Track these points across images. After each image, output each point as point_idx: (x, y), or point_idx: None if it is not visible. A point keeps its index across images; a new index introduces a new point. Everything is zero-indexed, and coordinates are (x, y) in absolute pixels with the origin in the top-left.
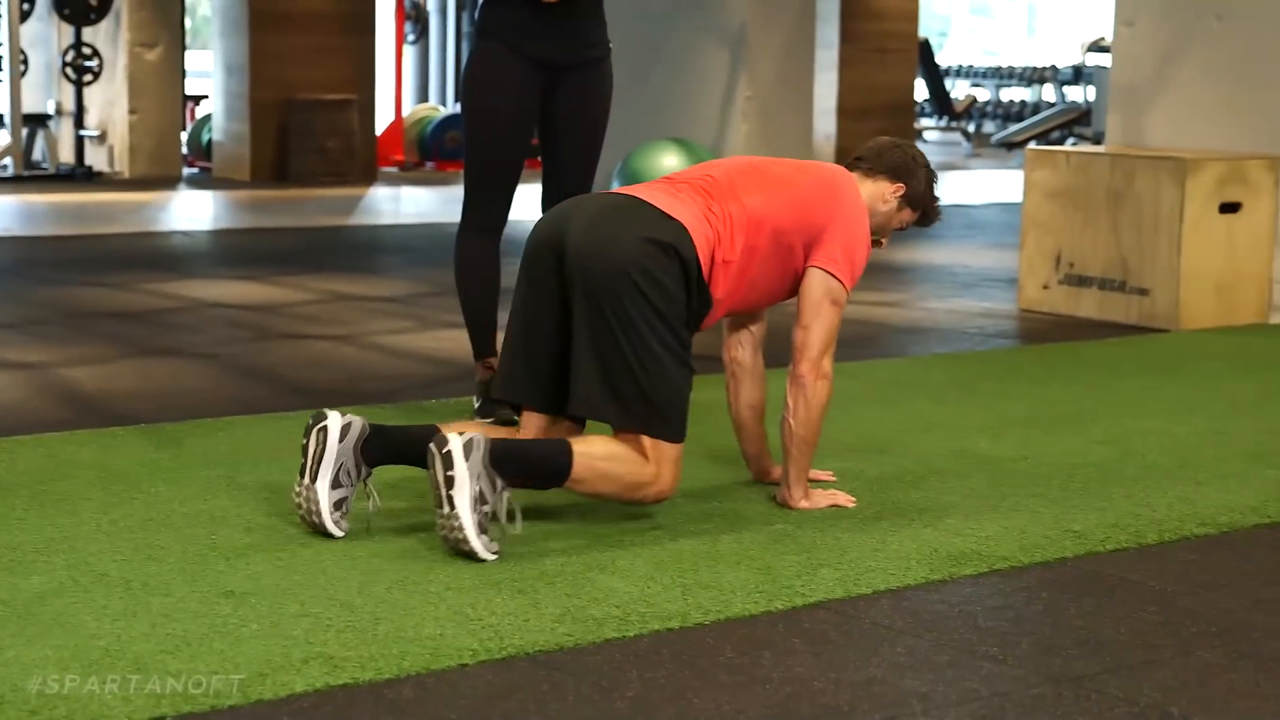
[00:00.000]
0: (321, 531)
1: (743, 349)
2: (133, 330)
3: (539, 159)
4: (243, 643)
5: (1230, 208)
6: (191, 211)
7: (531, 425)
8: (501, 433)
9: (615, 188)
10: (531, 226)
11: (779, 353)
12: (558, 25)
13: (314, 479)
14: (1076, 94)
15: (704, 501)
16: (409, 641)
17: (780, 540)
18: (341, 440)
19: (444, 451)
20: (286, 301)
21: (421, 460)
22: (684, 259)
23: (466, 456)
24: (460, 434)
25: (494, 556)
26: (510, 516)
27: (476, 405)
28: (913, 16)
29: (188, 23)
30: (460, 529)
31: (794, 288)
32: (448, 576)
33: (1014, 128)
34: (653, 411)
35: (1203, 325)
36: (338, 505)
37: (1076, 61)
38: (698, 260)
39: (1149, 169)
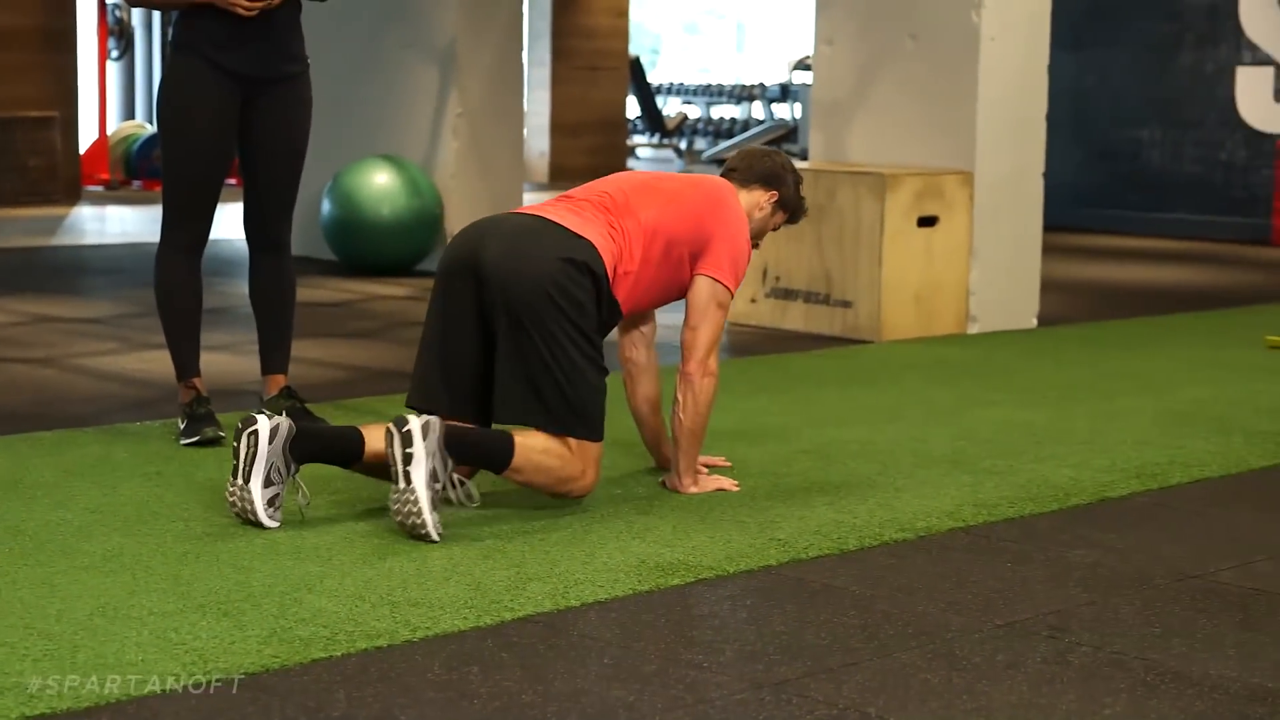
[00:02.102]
0: (257, 525)
1: (636, 349)
2: None
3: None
4: None
5: (927, 221)
6: None
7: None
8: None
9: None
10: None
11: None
12: (255, 39)
13: (247, 479)
14: (784, 111)
15: None
16: (109, 668)
17: (490, 555)
18: (271, 442)
19: (404, 431)
20: None
21: (342, 459)
22: (595, 274)
23: (424, 437)
24: (418, 416)
25: (439, 538)
26: (465, 493)
27: (181, 426)
28: (623, 34)
29: None
30: (415, 503)
31: (681, 291)
32: (151, 601)
33: (724, 144)
34: (576, 415)
35: (903, 336)
36: (270, 501)
37: (784, 79)
38: (606, 275)
39: (850, 184)
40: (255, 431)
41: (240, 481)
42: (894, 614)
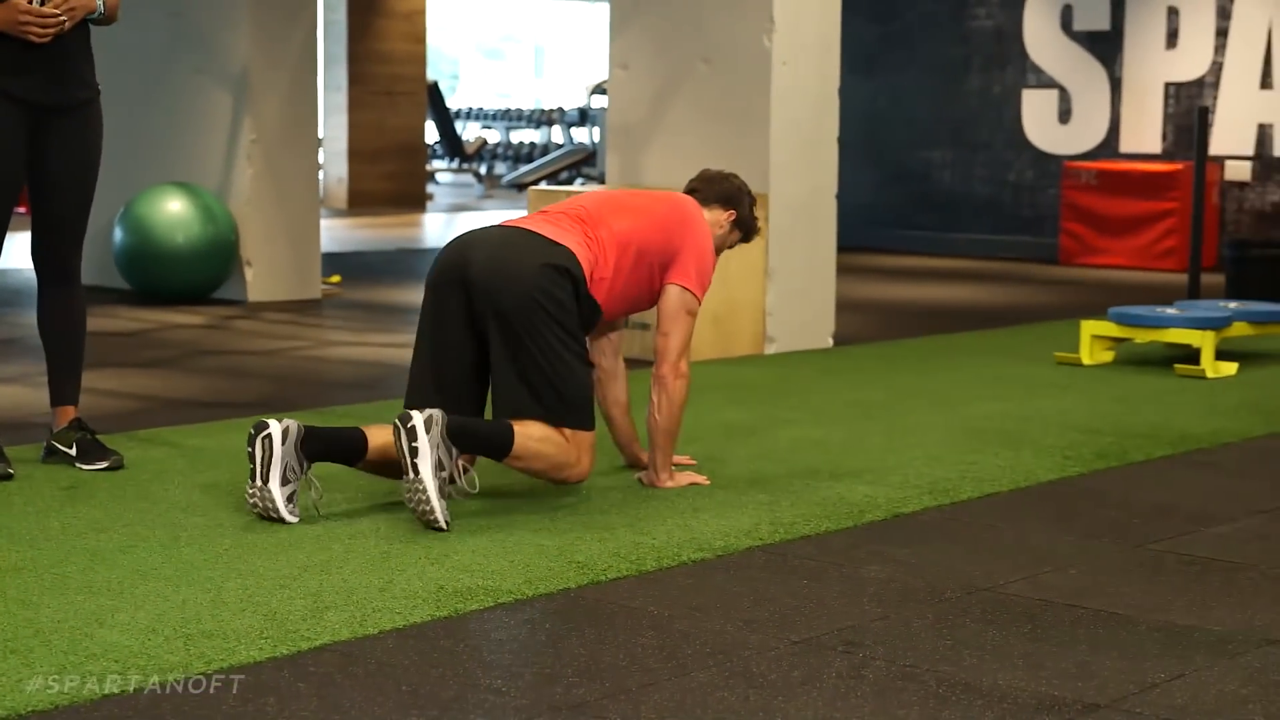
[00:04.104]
0: (279, 521)
1: (605, 356)
2: None
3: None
4: None
5: None
6: None
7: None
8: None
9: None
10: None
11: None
12: (44, 65)
13: (266, 480)
14: (583, 135)
15: (211, 545)
16: None
17: (287, 585)
18: (284, 443)
19: (408, 426)
20: None
21: (346, 458)
22: (574, 278)
23: (428, 430)
24: (420, 410)
25: (447, 526)
26: (469, 481)
27: None
28: (420, 60)
29: None
30: (424, 490)
31: (651, 300)
32: None
33: (524, 169)
34: (569, 408)
35: (702, 357)
36: (290, 498)
37: (582, 104)
38: (584, 277)
39: None
40: (269, 435)
41: (260, 483)
42: (691, 633)
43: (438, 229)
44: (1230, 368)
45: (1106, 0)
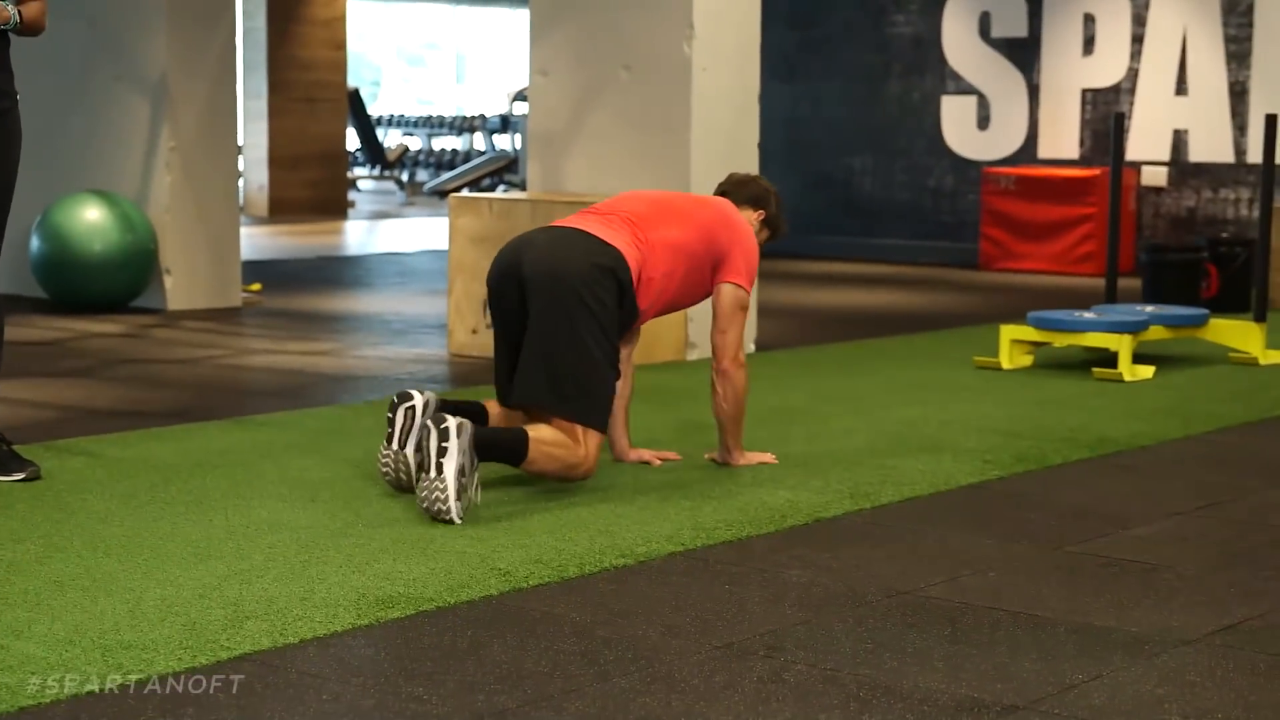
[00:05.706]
0: (410, 489)
1: (622, 349)
2: None
3: None
4: None
5: None
6: None
7: (517, 416)
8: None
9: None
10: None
11: None
12: None
13: (402, 446)
14: (505, 142)
15: (129, 555)
16: None
17: (206, 595)
18: (424, 414)
19: (442, 427)
20: None
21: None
22: (620, 279)
23: (459, 435)
24: (454, 415)
25: (461, 521)
26: (476, 492)
27: None
28: (341, 67)
29: None
30: (444, 490)
31: (702, 295)
32: None
33: (446, 176)
34: (587, 404)
35: None
36: (420, 465)
37: (504, 110)
38: (630, 279)
39: (567, 213)
40: (412, 406)
41: (395, 447)
42: (613, 639)
43: (359, 236)
44: (1147, 371)
45: (1024, 7)
